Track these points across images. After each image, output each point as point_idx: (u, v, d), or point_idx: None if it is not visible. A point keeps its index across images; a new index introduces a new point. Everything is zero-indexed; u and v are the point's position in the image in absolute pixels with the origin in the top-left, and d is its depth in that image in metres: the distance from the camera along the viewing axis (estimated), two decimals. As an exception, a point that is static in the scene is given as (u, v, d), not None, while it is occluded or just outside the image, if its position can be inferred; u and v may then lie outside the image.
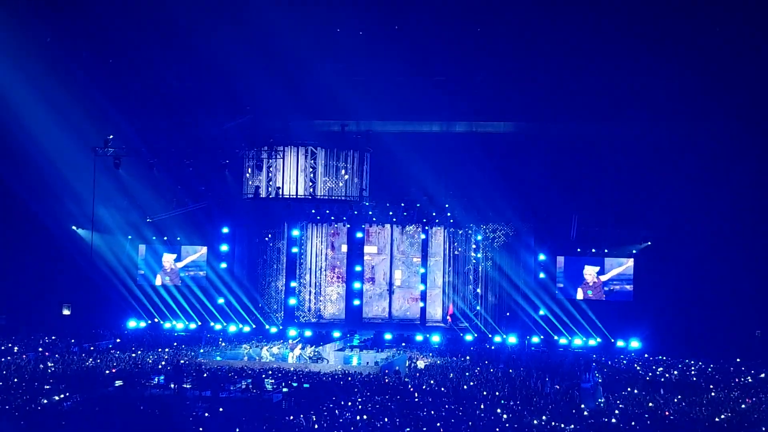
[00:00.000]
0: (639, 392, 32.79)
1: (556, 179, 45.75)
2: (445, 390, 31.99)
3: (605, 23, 42.67)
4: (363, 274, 49.79)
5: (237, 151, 45.51)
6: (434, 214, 48.28)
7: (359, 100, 44.77)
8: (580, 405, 30.53)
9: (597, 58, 43.66)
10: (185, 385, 31.81)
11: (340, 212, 48.87)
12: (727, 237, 44.20)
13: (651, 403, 30.55)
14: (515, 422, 27.35)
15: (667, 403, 30.88)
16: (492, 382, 34.11)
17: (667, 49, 42.72)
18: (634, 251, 47.39)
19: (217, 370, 34.87)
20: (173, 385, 31.85)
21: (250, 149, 44.75)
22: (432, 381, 34.00)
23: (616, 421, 27.82)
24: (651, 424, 27.62)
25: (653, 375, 37.10)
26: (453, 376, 35.20)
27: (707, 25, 42.02)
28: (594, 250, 47.65)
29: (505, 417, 27.81)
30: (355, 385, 31.84)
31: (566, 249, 47.76)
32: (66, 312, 45.49)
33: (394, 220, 49.23)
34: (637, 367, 39.13)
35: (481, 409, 28.76)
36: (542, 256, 47.77)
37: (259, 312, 49.01)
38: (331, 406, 28.43)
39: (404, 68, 45.02)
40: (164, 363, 37.21)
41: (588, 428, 27.25)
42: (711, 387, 34.30)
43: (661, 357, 41.80)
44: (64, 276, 47.93)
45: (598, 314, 46.46)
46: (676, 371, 38.03)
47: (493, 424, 27.05)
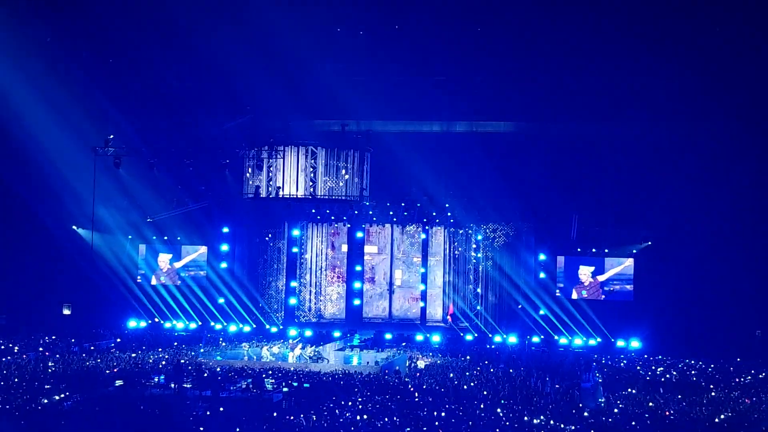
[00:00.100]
0: (639, 392, 32.78)
1: (557, 179, 45.74)
2: (445, 390, 31.97)
3: (605, 23, 42.65)
4: (363, 273, 49.81)
5: (237, 150, 45.48)
6: (434, 214, 48.30)
7: (359, 100, 44.74)
8: (581, 405, 30.53)
9: (597, 58, 43.65)
10: (185, 385, 31.83)
11: (341, 212, 48.89)
12: (727, 237, 44.18)
13: (651, 403, 30.54)
14: (515, 422, 27.34)
15: (667, 402, 30.87)
16: (492, 381, 34.10)
17: (667, 49, 42.71)
18: (634, 251, 47.38)
19: (218, 370, 34.90)
20: (173, 385, 31.87)
21: (251, 149, 44.75)
22: (432, 381, 33.99)
23: (616, 421, 27.81)
24: (651, 423, 27.61)
25: (653, 375, 37.09)
26: (453, 375, 35.19)
27: (707, 25, 42.01)
28: (594, 249, 47.64)
29: (504, 417, 27.79)
30: (356, 385, 31.83)
31: (566, 249, 47.76)
32: (66, 312, 45.39)
33: (395, 219, 49.25)
34: (638, 367, 39.12)
35: (482, 408, 28.75)
36: (542, 256, 47.77)
37: (260, 312, 49.01)
38: (331, 405, 28.43)
39: (404, 68, 45.08)
40: (164, 363, 37.21)
41: (588, 428, 27.24)
42: (711, 387, 34.29)
43: (662, 357, 41.80)
44: (64, 276, 47.89)
45: (598, 314, 46.45)
46: (676, 371, 38.02)
47: (493, 424, 27.05)
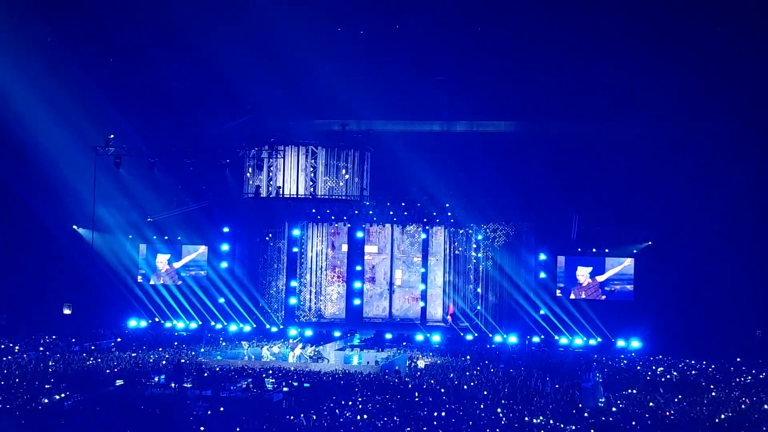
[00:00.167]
0: (639, 392, 32.78)
1: (557, 179, 45.76)
2: (445, 390, 31.95)
3: (605, 23, 42.66)
4: (363, 273, 49.82)
5: (237, 150, 45.44)
6: (435, 214, 48.30)
7: (359, 100, 44.74)
8: (581, 405, 30.52)
9: (597, 58, 43.67)
10: (186, 385, 31.82)
11: (341, 212, 48.88)
12: (727, 237, 44.18)
13: (651, 403, 30.55)
14: (515, 422, 27.34)
15: (667, 402, 30.87)
16: (492, 381, 34.09)
17: (667, 49, 42.72)
18: (634, 251, 47.39)
19: (218, 370, 34.92)
20: (174, 385, 31.85)
21: (251, 149, 44.73)
22: (432, 381, 33.97)
23: (616, 421, 27.81)
24: (651, 423, 27.59)
25: (654, 375, 37.09)
26: (453, 375, 35.20)
27: (707, 25, 42.01)
28: (594, 249, 47.65)
29: (504, 417, 27.80)
30: (356, 385, 31.82)
31: (567, 249, 47.77)
32: (67, 311, 45.51)
33: (395, 219, 49.25)
34: (638, 367, 39.13)
35: (482, 408, 28.74)
36: (543, 256, 47.78)
37: (260, 311, 49.03)
38: (331, 405, 28.41)
39: (404, 68, 45.11)
40: (165, 362, 37.22)
41: (588, 428, 27.22)
42: (711, 387, 34.27)
43: (662, 357, 41.80)
44: (64, 275, 47.93)
45: (598, 314, 46.45)
46: (677, 371, 38.02)
47: (494, 424, 27.04)
